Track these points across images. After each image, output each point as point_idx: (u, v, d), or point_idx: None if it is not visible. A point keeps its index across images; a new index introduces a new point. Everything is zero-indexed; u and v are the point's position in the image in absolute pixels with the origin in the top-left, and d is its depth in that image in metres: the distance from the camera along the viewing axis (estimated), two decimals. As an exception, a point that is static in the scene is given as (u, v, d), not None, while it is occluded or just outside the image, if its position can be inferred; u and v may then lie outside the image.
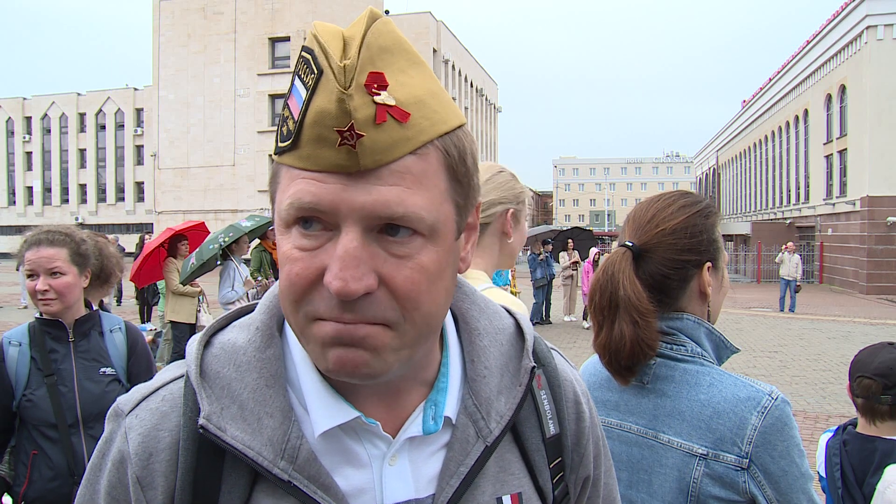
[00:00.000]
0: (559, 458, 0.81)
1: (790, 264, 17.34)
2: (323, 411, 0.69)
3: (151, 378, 0.77)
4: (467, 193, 0.68)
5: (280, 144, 0.63)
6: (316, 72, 0.60)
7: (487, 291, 1.60)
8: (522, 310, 1.54)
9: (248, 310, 0.79)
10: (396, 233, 0.62)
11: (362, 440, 0.71)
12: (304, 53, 0.63)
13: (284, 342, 0.74)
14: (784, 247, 18.26)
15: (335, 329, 0.62)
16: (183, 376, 0.73)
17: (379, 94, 0.60)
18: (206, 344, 0.74)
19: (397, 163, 0.61)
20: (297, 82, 0.63)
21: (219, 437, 0.67)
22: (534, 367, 0.79)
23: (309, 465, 0.67)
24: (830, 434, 2.20)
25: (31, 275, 2.40)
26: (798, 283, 17.46)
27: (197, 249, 7.52)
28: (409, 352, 0.66)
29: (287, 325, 0.75)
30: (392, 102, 0.60)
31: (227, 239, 7.40)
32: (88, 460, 0.74)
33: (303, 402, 0.71)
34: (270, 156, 0.70)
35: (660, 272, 1.36)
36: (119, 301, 17.60)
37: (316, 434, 0.69)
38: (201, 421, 0.67)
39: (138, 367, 2.53)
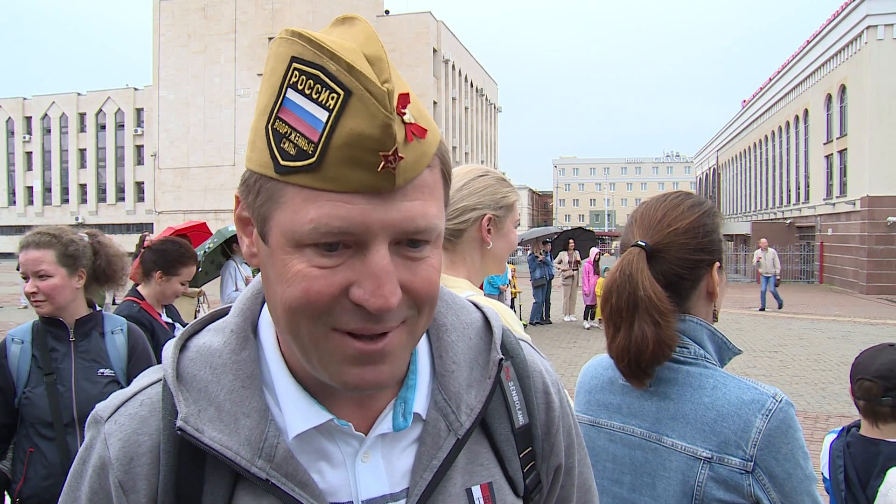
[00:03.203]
0: (529, 448, 0.82)
1: (767, 261, 17.20)
2: (297, 414, 0.70)
3: None
4: (448, 193, 0.71)
5: (286, 163, 0.60)
6: (341, 92, 0.58)
7: (471, 300, 1.56)
8: (502, 312, 1.52)
9: (222, 313, 0.80)
10: (415, 243, 0.64)
11: (336, 439, 0.72)
12: (304, 67, 0.60)
13: (259, 344, 0.75)
14: (758, 245, 17.86)
15: (361, 349, 0.63)
16: (160, 380, 0.74)
17: (405, 114, 0.60)
18: (182, 348, 0.75)
19: (418, 177, 0.63)
20: (299, 97, 0.60)
21: (196, 439, 0.68)
22: (501, 359, 0.80)
23: (286, 464, 0.69)
24: (834, 436, 2.20)
25: (25, 276, 2.43)
26: (777, 277, 17.36)
27: None
28: (413, 347, 0.70)
29: (261, 328, 0.76)
30: (412, 120, 0.61)
31: (211, 245, 7.40)
32: None
33: (278, 402, 0.72)
34: (250, 169, 0.66)
35: (673, 272, 1.34)
36: (115, 300, 17.57)
37: (290, 437, 0.70)
38: (179, 423, 0.68)
39: (138, 369, 2.52)
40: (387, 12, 48.54)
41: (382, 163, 0.58)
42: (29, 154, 62.37)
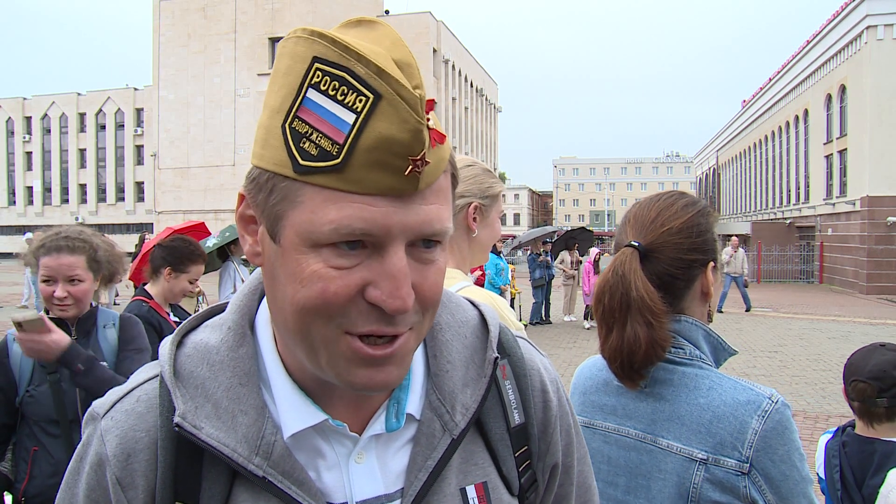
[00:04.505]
0: (525, 447, 0.82)
1: (736, 261, 17.14)
2: (292, 413, 0.71)
3: None
4: (455, 196, 0.72)
5: (307, 163, 0.60)
6: (370, 95, 0.58)
7: (466, 290, 1.57)
8: (497, 305, 1.53)
9: (219, 310, 0.80)
10: (428, 243, 0.65)
11: (330, 439, 0.72)
12: (328, 68, 0.59)
13: (256, 341, 0.75)
14: (730, 243, 17.36)
15: (372, 352, 0.63)
16: (157, 377, 0.74)
17: (430, 119, 0.61)
18: (179, 344, 0.75)
19: (436, 182, 0.64)
20: (322, 97, 0.59)
21: (194, 435, 0.68)
22: (496, 357, 0.80)
23: (283, 462, 0.69)
24: (829, 435, 2.20)
25: (48, 280, 2.39)
26: (746, 279, 17.26)
27: None
28: (416, 349, 0.70)
29: (258, 326, 0.76)
30: (434, 126, 0.62)
31: None
32: None
33: (275, 400, 0.72)
34: (260, 167, 0.65)
35: (667, 272, 1.34)
36: (115, 301, 17.56)
37: (285, 436, 0.70)
38: (176, 419, 0.68)
39: (127, 361, 2.53)
40: (387, 12, 48.53)
41: (410, 167, 0.59)
42: (29, 154, 62.29)
